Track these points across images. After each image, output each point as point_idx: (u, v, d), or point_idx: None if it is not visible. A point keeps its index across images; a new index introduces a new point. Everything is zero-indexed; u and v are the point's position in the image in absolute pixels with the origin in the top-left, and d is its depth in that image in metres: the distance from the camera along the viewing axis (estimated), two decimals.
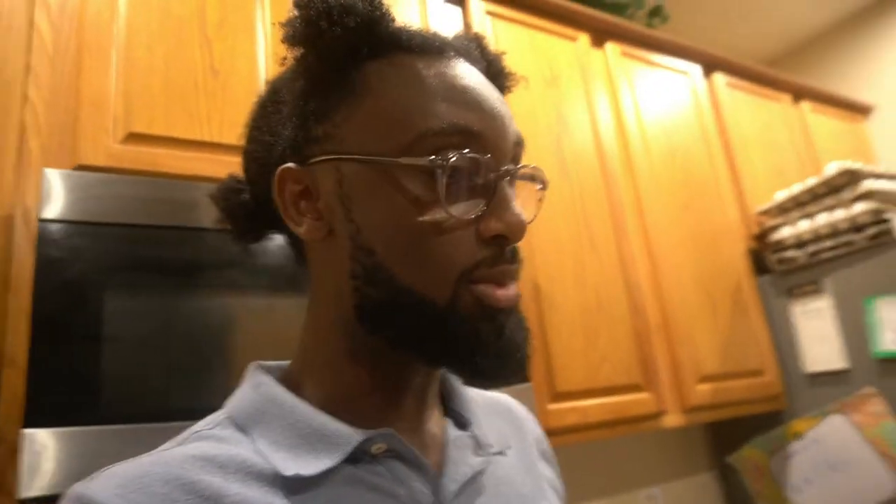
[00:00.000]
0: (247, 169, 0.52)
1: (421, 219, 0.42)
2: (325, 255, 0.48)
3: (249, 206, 0.51)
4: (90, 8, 1.01)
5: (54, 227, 0.82)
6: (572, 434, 1.29)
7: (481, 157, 0.43)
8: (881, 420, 1.54)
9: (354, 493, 0.43)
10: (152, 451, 0.44)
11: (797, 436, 1.70)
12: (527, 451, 0.59)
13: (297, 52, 0.46)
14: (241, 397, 0.48)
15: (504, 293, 0.43)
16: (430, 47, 0.46)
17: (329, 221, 0.46)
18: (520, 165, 0.47)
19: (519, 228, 0.43)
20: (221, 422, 0.46)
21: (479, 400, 0.58)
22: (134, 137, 0.97)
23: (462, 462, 0.48)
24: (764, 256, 1.81)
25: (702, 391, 1.53)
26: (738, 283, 1.74)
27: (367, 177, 0.44)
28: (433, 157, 0.42)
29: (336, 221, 0.46)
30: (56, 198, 0.84)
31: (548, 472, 0.60)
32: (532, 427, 0.63)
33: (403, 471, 0.46)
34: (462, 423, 0.52)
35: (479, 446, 0.51)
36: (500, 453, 0.53)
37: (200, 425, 0.47)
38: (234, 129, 1.09)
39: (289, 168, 0.46)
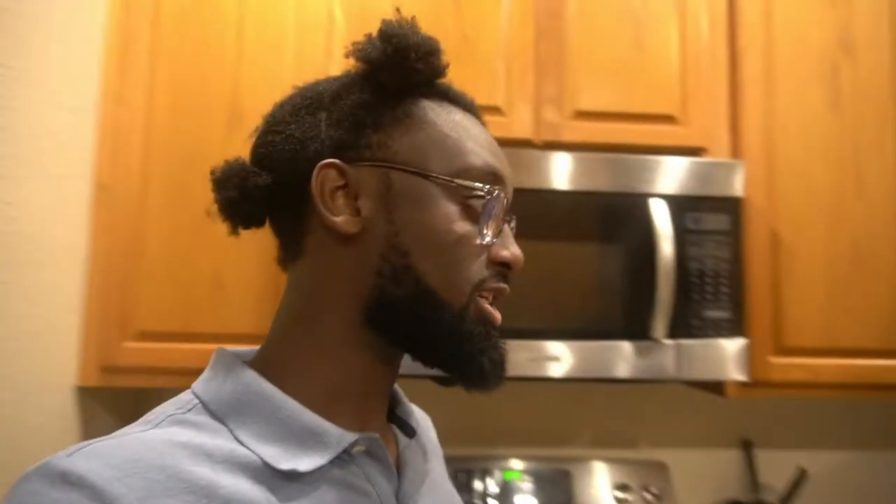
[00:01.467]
0: (266, 156, 0.52)
1: (457, 230, 0.49)
2: (344, 252, 0.49)
3: (266, 190, 0.51)
4: None
5: None
6: (797, 389, 1.27)
7: (507, 197, 0.52)
8: None
9: (336, 490, 0.46)
10: (124, 432, 0.44)
11: None
12: (441, 458, 0.67)
13: (365, 67, 0.52)
14: (218, 385, 0.48)
15: (497, 314, 0.52)
16: (466, 104, 0.55)
17: (365, 219, 0.49)
18: (515, 218, 0.56)
19: (521, 261, 0.52)
20: (195, 407, 0.47)
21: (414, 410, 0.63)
22: None
23: (416, 466, 0.54)
24: None
25: None
26: None
27: (416, 188, 0.49)
28: (482, 185, 0.50)
29: (374, 221, 0.49)
30: None
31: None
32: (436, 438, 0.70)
33: (373, 470, 0.49)
34: (407, 431, 0.57)
35: (426, 453, 0.58)
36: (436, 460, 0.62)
37: (171, 408, 0.47)
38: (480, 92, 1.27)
39: (335, 163, 0.49)
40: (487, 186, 0.50)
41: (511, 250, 0.52)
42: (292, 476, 0.45)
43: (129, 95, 1.23)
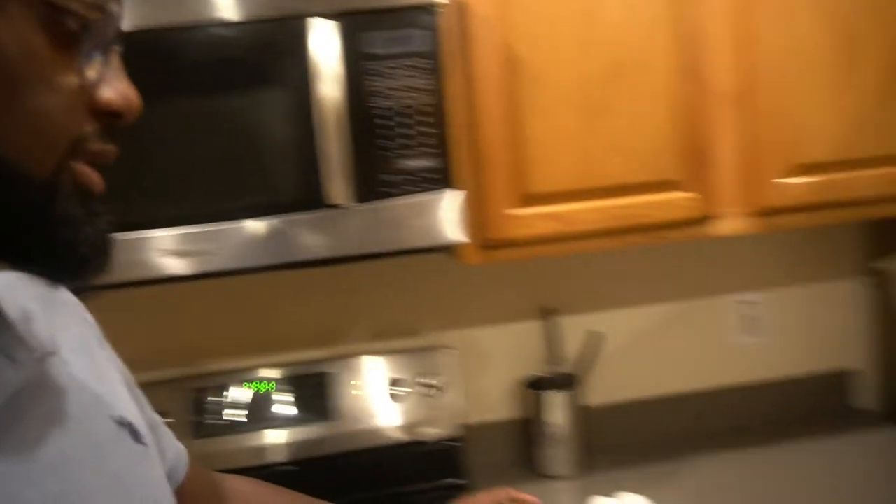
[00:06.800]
0: None
1: (43, 63, 0.33)
2: None
3: None
4: None
5: None
6: (550, 244, 1.04)
7: (118, 16, 0.36)
8: None
9: None
10: None
11: None
12: (86, 341, 0.50)
13: None
14: None
15: (100, 180, 0.37)
16: None
17: None
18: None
19: (137, 107, 0.38)
20: None
21: (9, 296, 0.45)
22: None
23: None
24: None
25: (792, 187, 1.07)
26: None
27: None
28: None
29: None
30: None
31: (111, 357, 0.53)
32: (83, 312, 0.52)
33: None
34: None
35: (12, 359, 0.40)
36: (50, 355, 0.44)
37: None
38: None
39: None
40: None
41: (121, 91, 0.37)
42: None
43: None
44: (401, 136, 0.92)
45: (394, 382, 1.27)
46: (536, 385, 1.32)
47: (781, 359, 1.44)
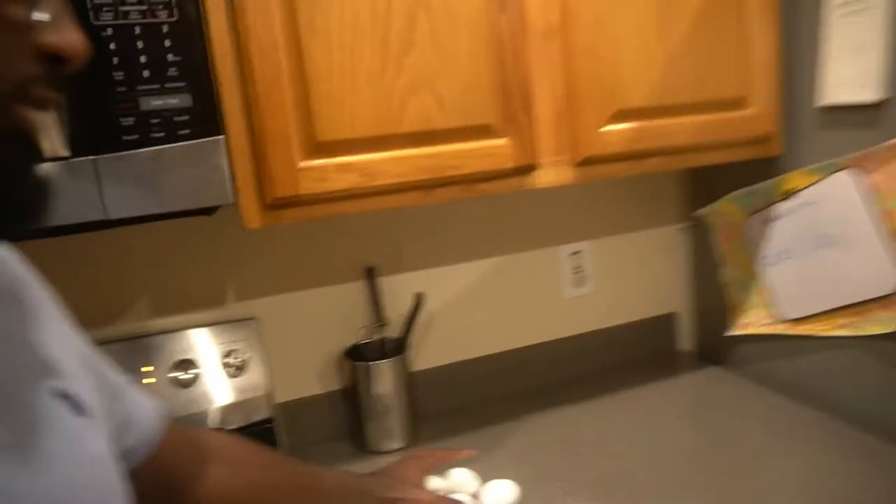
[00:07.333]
0: None
1: None
2: None
3: None
4: None
5: None
6: (348, 201, 0.90)
7: None
8: None
9: None
10: None
11: (788, 194, 1.17)
12: (29, 305, 0.47)
13: None
14: None
15: (41, 118, 0.36)
16: None
17: None
18: None
19: (85, 52, 0.36)
20: None
21: None
22: None
23: None
24: None
25: (612, 135, 1.01)
26: None
27: None
28: None
29: None
30: None
31: (59, 322, 0.50)
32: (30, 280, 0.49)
33: None
34: None
35: None
36: None
37: None
38: None
39: None
40: None
41: (69, 36, 0.35)
42: None
43: None
44: (142, 67, 0.72)
45: (189, 364, 1.09)
46: (358, 354, 1.20)
47: (610, 307, 1.44)
